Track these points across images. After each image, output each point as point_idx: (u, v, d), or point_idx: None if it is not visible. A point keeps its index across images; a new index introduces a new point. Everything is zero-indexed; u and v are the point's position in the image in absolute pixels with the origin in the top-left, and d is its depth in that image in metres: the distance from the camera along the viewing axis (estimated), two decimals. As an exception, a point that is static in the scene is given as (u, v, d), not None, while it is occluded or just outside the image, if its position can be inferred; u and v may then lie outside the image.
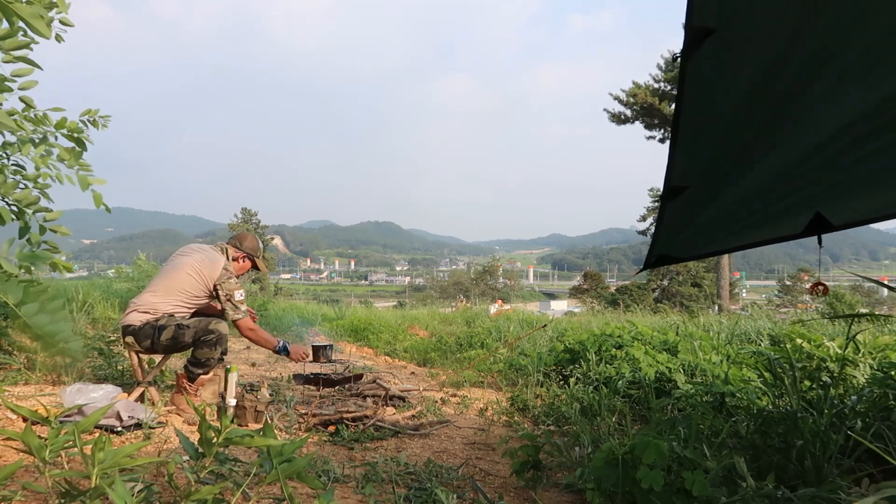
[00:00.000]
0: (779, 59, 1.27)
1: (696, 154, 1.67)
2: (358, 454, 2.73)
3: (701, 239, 2.49)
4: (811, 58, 1.26)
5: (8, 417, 2.80)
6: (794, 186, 1.88)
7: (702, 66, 1.26)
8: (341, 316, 10.92)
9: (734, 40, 1.20)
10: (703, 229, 2.32)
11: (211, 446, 1.39)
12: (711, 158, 1.70)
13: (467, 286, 53.70)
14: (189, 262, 3.26)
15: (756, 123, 1.54)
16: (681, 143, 1.58)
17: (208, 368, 3.19)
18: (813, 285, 2.29)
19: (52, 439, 1.34)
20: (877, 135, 1.50)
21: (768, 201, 2.02)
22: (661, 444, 1.82)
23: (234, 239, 3.55)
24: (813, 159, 1.67)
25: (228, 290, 3.25)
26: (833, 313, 9.05)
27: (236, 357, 5.97)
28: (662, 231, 2.26)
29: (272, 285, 39.06)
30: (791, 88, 1.37)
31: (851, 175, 1.78)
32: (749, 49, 1.24)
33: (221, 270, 3.26)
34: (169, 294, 3.18)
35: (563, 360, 4.80)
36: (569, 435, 3.04)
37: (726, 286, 24.81)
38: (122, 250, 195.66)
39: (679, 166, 1.70)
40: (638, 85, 24.13)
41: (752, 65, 1.29)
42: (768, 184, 1.86)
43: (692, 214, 2.12)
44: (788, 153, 1.65)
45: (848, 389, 2.84)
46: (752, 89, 1.39)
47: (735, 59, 1.27)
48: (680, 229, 2.31)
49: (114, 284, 8.47)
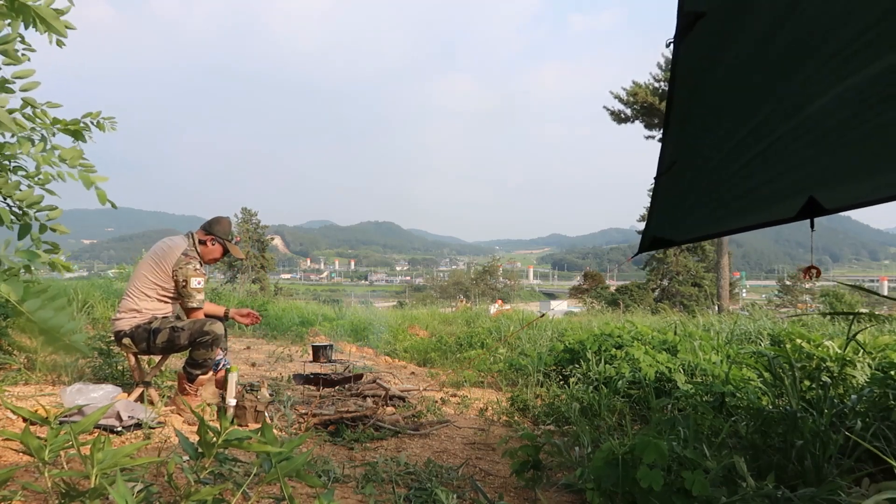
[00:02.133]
0: (767, 41, 1.29)
1: (687, 131, 1.70)
2: (358, 454, 2.73)
3: (695, 222, 2.51)
4: (800, 40, 1.27)
5: (8, 417, 2.80)
6: (786, 168, 1.89)
7: (693, 49, 1.29)
8: (341, 316, 10.92)
9: (724, 23, 1.23)
10: (697, 212, 2.33)
11: (210, 448, 1.39)
12: (702, 135, 1.73)
13: (467, 286, 53.68)
14: (150, 252, 3.24)
15: (746, 104, 1.56)
16: (673, 122, 1.62)
17: (206, 369, 3.19)
18: (806, 269, 2.29)
19: (51, 439, 1.34)
20: (867, 116, 1.51)
21: (761, 184, 2.03)
22: (661, 444, 1.82)
23: (205, 223, 3.41)
24: (805, 140, 1.69)
25: (184, 277, 3.11)
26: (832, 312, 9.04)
27: (236, 357, 5.97)
28: (656, 212, 2.27)
29: (272, 285, 39.06)
30: (781, 69, 1.40)
31: (844, 158, 1.79)
32: (738, 30, 1.27)
33: (179, 255, 3.15)
34: (140, 290, 3.15)
35: (563, 360, 4.80)
36: (569, 435, 3.04)
37: (726, 286, 24.79)
38: (122, 250, 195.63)
39: (671, 144, 1.73)
40: (638, 84, 24.14)
41: (742, 46, 1.32)
42: (761, 166, 1.88)
43: (685, 195, 2.13)
44: (780, 135, 1.67)
45: (848, 389, 2.84)
46: (743, 70, 1.42)
47: (725, 40, 1.30)
48: (674, 211, 2.32)
49: (114, 284, 8.47)
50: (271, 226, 56.96)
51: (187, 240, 3.28)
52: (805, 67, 1.36)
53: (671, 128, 1.66)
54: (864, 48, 1.26)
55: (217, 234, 3.35)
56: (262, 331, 8.58)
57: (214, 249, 3.37)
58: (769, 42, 1.30)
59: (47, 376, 3.77)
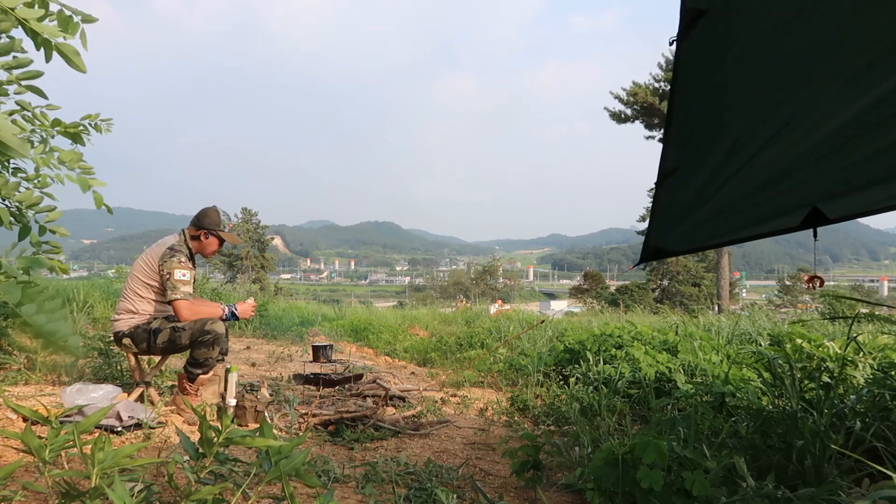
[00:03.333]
0: (774, 45, 1.28)
1: (690, 136, 1.68)
2: (358, 454, 2.73)
3: (696, 232, 2.49)
4: (809, 45, 1.26)
5: (8, 417, 2.80)
6: (792, 179, 1.88)
7: (696, 48, 1.28)
8: (341, 316, 10.93)
9: (726, 21, 1.22)
10: (700, 222, 2.32)
11: (211, 446, 1.39)
12: (705, 140, 1.71)
13: (467, 286, 53.71)
14: (142, 254, 3.25)
15: (752, 110, 1.54)
16: (675, 125, 1.60)
17: (207, 368, 3.19)
18: (809, 278, 2.30)
19: (51, 439, 1.34)
20: (879, 126, 1.50)
21: (766, 194, 2.02)
22: (661, 444, 1.82)
23: (193, 219, 3.36)
24: (813, 150, 1.67)
25: (168, 269, 3.08)
26: (833, 313, 9.04)
27: (236, 357, 5.97)
28: (657, 221, 2.26)
29: (272, 285, 39.07)
30: (788, 76, 1.38)
31: (852, 168, 1.78)
32: (742, 32, 1.25)
33: (165, 250, 3.14)
34: (134, 290, 3.15)
35: (562, 360, 4.80)
36: (569, 435, 3.04)
37: (726, 286, 24.81)
38: (122, 250, 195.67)
39: (673, 148, 1.72)
40: (638, 85, 24.17)
41: (745, 48, 1.30)
42: (766, 176, 1.86)
43: (687, 203, 2.12)
44: (784, 144, 1.65)
45: (848, 389, 2.84)
46: (745, 73, 1.40)
47: (729, 42, 1.29)
48: (675, 221, 2.31)
49: (114, 284, 8.47)
50: (271, 226, 56.96)
51: (177, 237, 3.29)
52: (814, 75, 1.35)
53: (672, 131, 1.64)
54: (878, 60, 1.24)
55: (208, 226, 3.30)
56: (262, 331, 8.58)
57: (210, 242, 3.33)
58: (776, 46, 1.28)
59: (47, 376, 3.77)
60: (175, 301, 3.06)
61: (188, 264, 3.16)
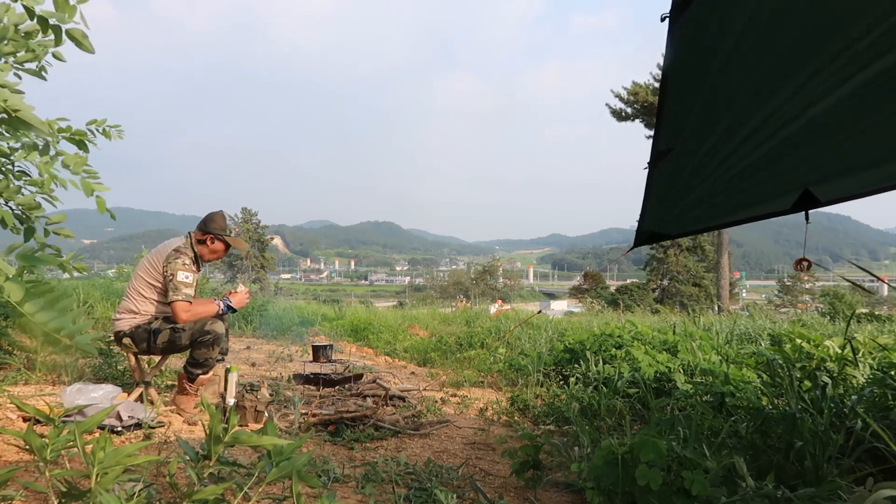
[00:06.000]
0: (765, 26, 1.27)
1: (682, 117, 1.68)
2: (358, 454, 2.73)
3: (690, 214, 2.48)
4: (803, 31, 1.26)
5: (8, 417, 2.81)
6: (784, 162, 1.87)
7: (688, 29, 1.28)
8: (341, 316, 10.92)
9: (719, 3, 1.22)
10: (692, 204, 2.31)
11: (219, 444, 1.39)
12: (698, 122, 1.71)
13: (467, 286, 53.70)
14: (147, 254, 3.26)
15: (746, 93, 1.54)
16: (667, 106, 1.59)
17: (207, 368, 3.19)
18: (798, 261, 2.29)
19: (53, 439, 1.34)
20: (871, 109, 1.50)
21: (758, 176, 2.01)
22: (660, 443, 1.83)
23: (199, 223, 3.36)
24: (805, 133, 1.66)
25: (172, 271, 3.09)
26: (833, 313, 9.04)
27: (236, 357, 5.98)
28: (650, 204, 2.25)
29: (272, 285, 39.07)
30: (783, 60, 1.37)
31: (842, 151, 1.77)
32: (735, 11, 1.25)
33: (170, 252, 3.15)
34: (137, 290, 3.16)
35: (562, 360, 4.80)
36: (569, 435, 3.05)
37: (726, 286, 24.81)
38: (122, 250, 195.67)
39: (666, 128, 1.71)
40: (638, 84, 24.18)
41: (738, 27, 1.30)
42: (758, 158, 1.86)
43: (680, 185, 2.11)
44: (777, 126, 1.65)
45: (848, 389, 2.84)
46: (739, 53, 1.39)
47: (722, 24, 1.28)
48: (668, 203, 2.30)
49: (114, 284, 8.47)
50: (271, 226, 56.95)
51: (183, 239, 3.29)
52: (808, 55, 1.34)
53: (665, 113, 1.63)
54: (872, 44, 1.24)
55: (214, 231, 3.31)
56: (262, 331, 8.58)
57: (216, 247, 3.34)
58: (770, 26, 1.27)
59: (47, 376, 3.77)
60: (175, 302, 3.07)
61: (192, 267, 3.17)
